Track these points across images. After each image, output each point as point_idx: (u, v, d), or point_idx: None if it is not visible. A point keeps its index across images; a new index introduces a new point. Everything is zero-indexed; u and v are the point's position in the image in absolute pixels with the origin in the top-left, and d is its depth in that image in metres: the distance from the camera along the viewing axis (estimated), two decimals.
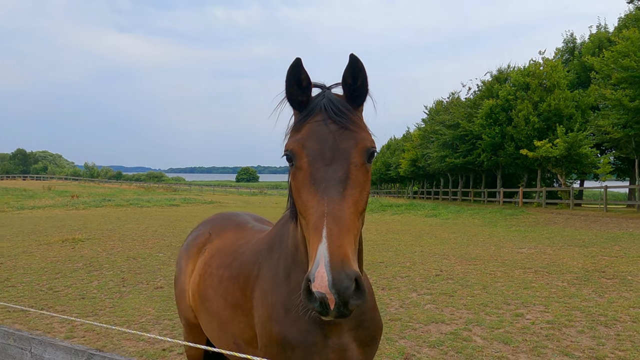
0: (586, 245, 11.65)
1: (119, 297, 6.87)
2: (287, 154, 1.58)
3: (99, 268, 9.02)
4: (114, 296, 6.95)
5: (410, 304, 6.41)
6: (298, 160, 1.53)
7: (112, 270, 8.84)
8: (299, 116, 1.63)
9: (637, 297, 6.60)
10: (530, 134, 26.61)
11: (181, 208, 29.84)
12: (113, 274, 8.51)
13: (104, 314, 6.01)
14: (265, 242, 2.21)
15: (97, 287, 7.48)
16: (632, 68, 16.80)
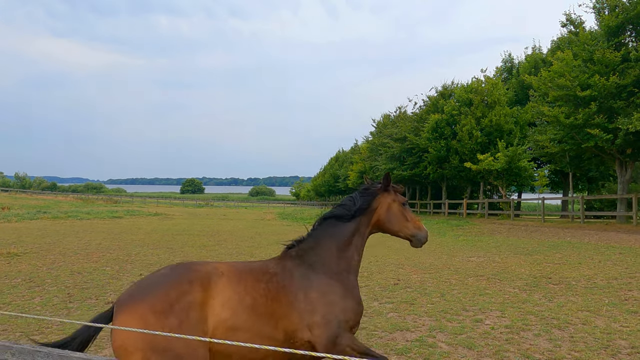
0: (530, 253, 12.23)
1: (66, 315, 6.42)
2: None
3: (41, 284, 8.41)
4: (60, 313, 6.49)
5: (374, 313, 6.43)
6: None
7: (55, 285, 8.27)
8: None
9: (583, 301, 6.97)
10: (474, 148, 27.78)
11: (124, 220, 28.59)
12: (57, 289, 7.96)
13: (51, 333, 5.60)
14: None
15: (40, 304, 6.96)
16: (567, 87, 18.00)
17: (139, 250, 12.97)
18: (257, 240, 16.55)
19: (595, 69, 17.66)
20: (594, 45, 18.11)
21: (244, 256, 12.11)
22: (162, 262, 10.94)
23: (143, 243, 14.95)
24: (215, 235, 18.44)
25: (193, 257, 11.74)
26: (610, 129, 17.48)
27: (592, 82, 17.38)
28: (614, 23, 17.87)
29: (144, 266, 10.30)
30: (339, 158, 67.17)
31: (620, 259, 10.81)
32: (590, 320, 5.95)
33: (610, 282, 8.34)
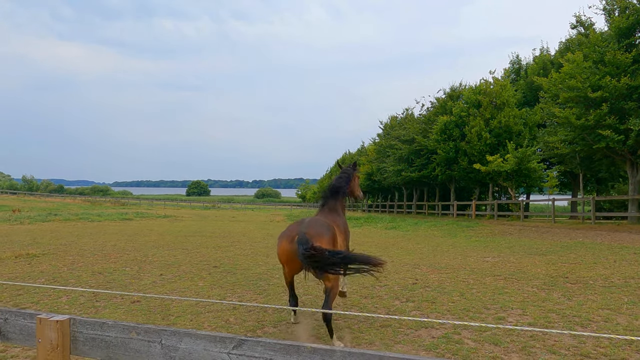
0: (544, 254, 12.29)
1: (94, 313, 6.57)
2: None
3: (64, 284, 8.59)
4: (89, 312, 6.64)
5: (396, 311, 6.54)
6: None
7: (79, 285, 8.44)
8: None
9: (603, 300, 7.05)
10: (483, 149, 27.82)
11: (135, 222, 28.82)
12: (82, 289, 8.12)
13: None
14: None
15: (68, 303, 7.12)
16: (578, 88, 18.05)
17: (155, 252, 13.13)
18: (270, 242, 16.67)
19: (606, 70, 17.70)
20: (604, 47, 18.16)
21: (260, 257, 12.24)
22: (180, 262, 11.09)
23: (158, 244, 15.12)
24: (228, 237, 18.59)
25: (210, 258, 11.89)
26: (622, 129, 17.51)
27: (603, 83, 17.42)
28: (625, 24, 17.91)
29: (163, 266, 10.46)
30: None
31: (635, 259, 10.85)
32: (612, 317, 6.03)
33: (628, 281, 8.40)
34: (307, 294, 7.74)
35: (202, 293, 7.70)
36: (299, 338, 5.34)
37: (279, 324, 5.92)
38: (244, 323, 5.97)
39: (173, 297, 4.82)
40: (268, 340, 1.35)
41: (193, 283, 8.56)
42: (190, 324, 5.95)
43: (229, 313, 6.45)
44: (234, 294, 7.62)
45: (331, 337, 5.04)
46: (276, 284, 8.48)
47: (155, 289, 8.08)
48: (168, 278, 9.07)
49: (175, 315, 6.36)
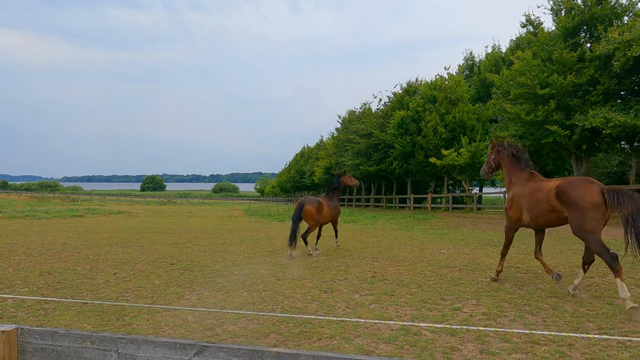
0: (497, 245, 12.76)
1: (44, 315, 6.29)
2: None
3: (10, 285, 8.16)
4: (38, 314, 6.34)
5: (356, 305, 6.61)
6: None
7: (26, 286, 8.04)
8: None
9: (551, 288, 7.39)
10: (438, 144, 28.50)
11: (87, 219, 27.79)
12: (29, 290, 7.75)
13: None
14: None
15: (14, 306, 6.77)
16: (527, 85, 18.78)
17: (109, 249, 12.70)
18: (228, 237, 16.48)
19: (553, 68, 18.49)
20: (552, 46, 18.95)
21: (219, 253, 12.07)
22: (135, 260, 10.78)
23: (111, 242, 14.63)
24: (185, 233, 18.23)
25: (166, 255, 11.62)
26: (568, 125, 18.37)
27: (550, 80, 18.19)
28: (571, 24, 18.77)
29: (117, 265, 10.13)
30: (304, 154, 67.25)
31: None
32: (559, 305, 6.34)
33: (573, 269, 8.84)
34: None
35: (159, 292, 7.51)
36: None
37: (238, 321, 5.85)
38: (203, 321, 5.87)
39: (126, 304, 4.68)
40: (231, 345, 1.32)
41: (149, 281, 8.34)
42: (147, 324, 5.79)
43: (187, 312, 6.33)
44: (192, 292, 7.47)
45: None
46: (235, 280, 8.39)
47: (108, 288, 7.82)
48: (122, 277, 8.79)
49: (130, 315, 6.18)
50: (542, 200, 6.98)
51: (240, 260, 10.73)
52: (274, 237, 16.36)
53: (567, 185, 6.54)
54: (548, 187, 6.95)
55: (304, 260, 10.70)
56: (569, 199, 6.42)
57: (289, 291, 7.47)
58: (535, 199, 7.14)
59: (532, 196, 7.21)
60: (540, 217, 7.12)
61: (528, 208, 7.28)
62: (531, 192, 7.28)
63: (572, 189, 6.44)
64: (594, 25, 18.69)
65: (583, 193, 6.31)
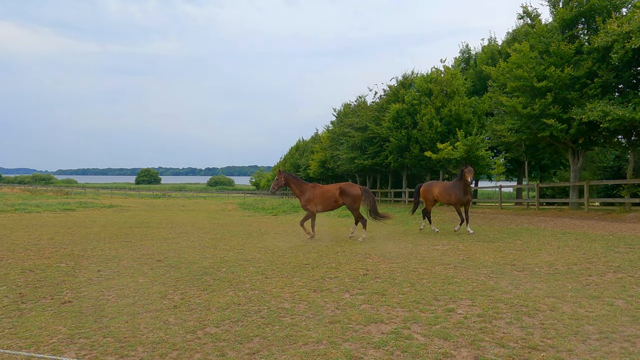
0: (492, 241, 12.52)
1: (18, 316, 5.98)
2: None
3: None
4: (12, 315, 6.04)
5: (346, 305, 6.33)
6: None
7: (4, 284, 7.73)
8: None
9: (548, 287, 7.14)
10: (434, 137, 28.22)
11: (78, 213, 27.40)
12: (7, 289, 7.44)
13: (4, 337, 5.18)
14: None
15: None
16: (524, 78, 18.48)
17: (95, 245, 12.38)
18: (219, 232, 16.19)
19: (550, 61, 18.20)
20: (549, 38, 18.65)
21: (207, 249, 11.78)
22: (121, 256, 10.48)
23: (99, 237, 14.31)
24: (176, 227, 17.92)
25: (154, 251, 11.31)
26: (565, 119, 18.12)
27: (547, 73, 17.90)
28: (568, 16, 18.45)
29: (101, 261, 9.83)
30: (299, 147, 66.87)
31: (577, 244, 11.21)
32: (557, 306, 6.09)
33: (571, 267, 8.60)
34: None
35: (142, 291, 7.21)
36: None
37: (222, 323, 5.57)
38: (184, 323, 5.58)
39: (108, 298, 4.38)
40: None
41: (133, 279, 8.04)
42: (126, 326, 5.50)
43: (169, 312, 6.04)
44: (177, 291, 7.18)
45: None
46: (222, 278, 8.10)
47: (90, 287, 7.52)
48: (106, 275, 8.49)
49: (109, 317, 5.89)
50: (331, 196, 13.25)
51: (229, 257, 10.44)
52: (265, 232, 16.07)
53: (345, 186, 13.37)
54: (334, 188, 13.36)
55: (295, 257, 10.42)
56: (346, 193, 13.21)
57: (276, 290, 7.20)
58: (326, 197, 13.26)
59: (324, 195, 13.28)
60: (328, 205, 13.38)
61: (321, 202, 13.26)
62: (322, 192, 13.35)
63: (348, 187, 13.34)
64: (592, 17, 18.38)
65: (354, 190, 13.27)
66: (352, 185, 13.44)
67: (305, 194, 13.45)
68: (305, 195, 13.42)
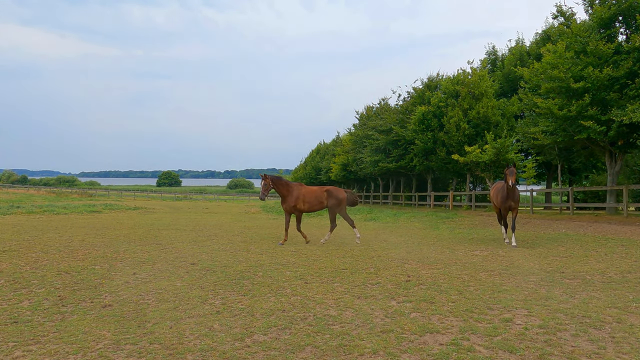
0: (532, 247, 12.07)
1: (61, 320, 5.86)
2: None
3: (27, 285, 7.78)
4: (54, 318, 5.92)
5: (395, 313, 6.05)
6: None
7: (43, 287, 7.65)
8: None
9: (607, 297, 6.75)
10: (461, 140, 27.69)
11: (104, 215, 27.66)
12: (46, 291, 7.35)
13: (49, 341, 5.04)
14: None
15: (30, 308, 6.37)
16: (560, 79, 17.92)
17: (127, 247, 12.33)
18: (248, 235, 16.04)
19: (588, 61, 17.60)
20: (586, 37, 18.06)
21: (240, 252, 11.61)
22: (154, 259, 10.38)
23: (129, 239, 14.29)
24: (203, 230, 17.85)
25: (186, 254, 11.19)
26: (603, 120, 17.51)
27: (585, 73, 17.32)
28: (607, 14, 17.85)
29: (135, 264, 9.72)
30: (320, 150, 66.62)
31: (625, 251, 10.71)
32: (623, 318, 5.71)
33: (625, 276, 8.17)
34: None
35: (182, 295, 7.05)
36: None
37: (269, 331, 5.35)
38: (230, 330, 5.38)
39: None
40: None
41: (170, 283, 7.89)
42: (170, 332, 5.32)
43: (213, 318, 5.85)
44: (217, 296, 7.00)
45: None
46: (260, 283, 7.90)
47: (128, 290, 7.38)
48: (142, 277, 8.36)
49: (152, 322, 5.72)
50: (318, 196, 13.42)
51: (263, 261, 10.25)
52: (295, 236, 15.86)
53: (332, 188, 13.68)
54: (320, 190, 13.62)
55: (330, 261, 10.17)
56: (332, 195, 13.45)
57: (319, 296, 6.95)
58: (313, 196, 13.39)
59: (311, 195, 13.42)
60: (314, 206, 13.39)
61: (308, 201, 13.31)
62: (309, 192, 13.47)
63: (334, 190, 13.62)
64: (632, 15, 17.73)
65: (341, 193, 13.58)
66: (338, 189, 13.73)
67: (293, 192, 13.38)
68: (294, 194, 13.36)
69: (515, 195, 12.73)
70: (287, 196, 13.37)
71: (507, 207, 12.81)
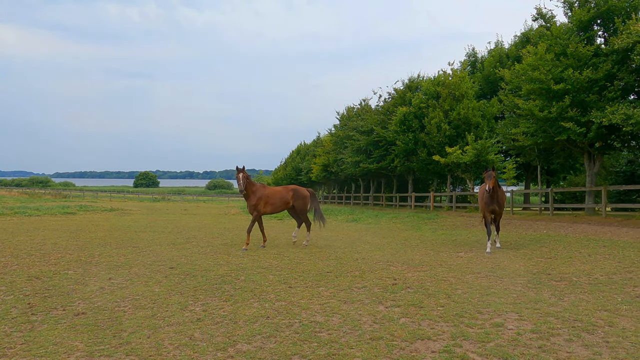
0: (516, 248, 12.05)
1: (30, 330, 5.48)
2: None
3: None
4: (23, 328, 5.54)
5: (383, 319, 5.85)
6: None
7: (11, 293, 7.22)
8: None
9: (595, 299, 6.68)
10: (442, 141, 27.77)
11: (79, 216, 26.86)
12: (14, 298, 6.93)
13: (16, 354, 4.68)
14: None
15: None
16: (541, 80, 18.07)
17: (102, 250, 11.88)
18: (228, 237, 15.69)
19: (568, 63, 17.78)
20: (566, 39, 18.24)
21: (220, 255, 11.28)
22: (131, 263, 9.98)
23: (105, 242, 13.81)
24: (182, 232, 17.41)
25: (164, 257, 10.82)
26: (583, 122, 17.71)
27: (565, 75, 17.50)
28: (586, 17, 18.07)
29: (111, 268, 9.32)
30: (300, 151, 66.27)
31: (607, 252, 10.75)
32: (615, 321, 5.62)
33: (611, 277, 8.14)
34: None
35: (160, 301, 6.72)
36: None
37: (253, 339, 5.09)
38: (212, 339, 5.09)
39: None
40: None
41: (148, 288, 7.54)
42: (148, 342, 5.01)
43: (193, 326, 5.55)
44: (197, 302, 6.69)
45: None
46: (243, 287, 7.61)
47: (103, 296, 7.02)
48: (118, 283, 7.99)
49: (128, 331, 5.39)
50: (283, 197, 13.01)
51: (245, 264, 9.96)
52: (276, 238, 15.59)
53: (297, 188, 13.37)
54: (285, 190, 13.28)
55: (314, 264, 9.94)
56: (299, 194, 13.19)
57: (304, 301, 6.71)
58: (277, 197, 12.93)
59: (275, 196, 12.94)
60: (279, 207, 12.99)
61: (272, 203, 12.81)
62: (273, 193, 12.99)
63: (300, 190, 13.35)
64: (611, 19, 17.99)
65: (304, 192, 13.33)
66: (302, 188, 13.47)
67: (256, 193, 12.69)
68: (257, 195, 12.68)
69: (499, 199, 12.01)
70: (250, 196, 12.70)
71: (491, 211, 12.12)
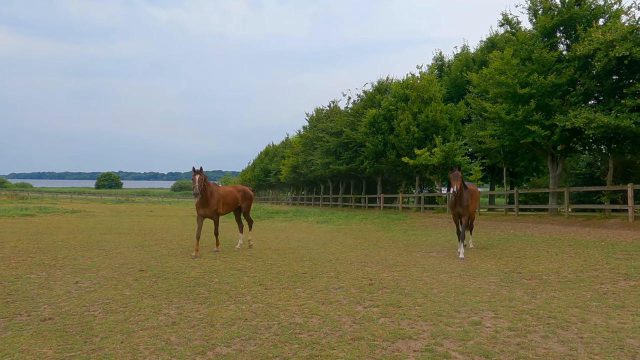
0: (486, 247, 12.29)
1: None
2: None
3: None
4: None
5: (363, 319, 5.83)
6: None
7: None
8: None
9: (566, 297, 6.86)
10: (411, 143, 28.15)
11: (39, 218, 25.81)
12: None
13: None
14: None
15: None
16: (507, 84, 18.58)
17: (67, 253, 11.42)
18: None
19: (533, 68, 18.35)
20: (531, 45, 18.82)
21: (190, 257, 11.03)
22: (98, 266, 9.63)
23: (68, 245, 13.29)
24: (149, 234, 16.97)
25: (133, 260, 10.50)
26: (547, 125, 18.29)
27: (530, 80, 18.05)
28: (549, 24, 18.70)
29: (77, 272, 8.96)
30: (269, 152, 65.94)
31: (573, 251, 11.10)
32: (587, 318, 5.77)
33: (579, 275, 8.39)
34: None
35: (132, 305, 6.48)
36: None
37: (232, 342, 4.96)
38: (189, 343, 4.94)
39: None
40: None
41: (118, 292, 7.28)
42: (122, 347, 4.81)
43: (169, 330, 5.38)
44: (171, 305, 6.49)
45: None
46: (217, 289, 7.45)
47: (70, 301, 6.72)
48: (86, 286, 7.68)
49: (100, 336, 5.17)
50: (235, 197, 12.69)
51: (217, 266, 9.77)
52: (236, 240, 15.37)
53: (246, 188, 13.29)
54: (235, 190, 12.93)
55: (288, 265, 9.85)
56: (247, 195, 13.12)
57: (282, 303, 6.61)
58: (231, 198, 12.54)
59: (229, 196, 12.49)
60: (230, 207, 12.62)
61: (227, 203, 12.37)
62: (227, 193, 12.47)
63: (248, 191, 13.28)
64: (573, 26, 18.68)
65: (251, 193, 13.38)
66: (248, 188, 13.41)
67: (214, 195, 11.86)
68: (215, 197, 11.83)
69: (464, 200, 11.08)
70: (210, 199, 11.72)
71: (457, 214, 11.26)
